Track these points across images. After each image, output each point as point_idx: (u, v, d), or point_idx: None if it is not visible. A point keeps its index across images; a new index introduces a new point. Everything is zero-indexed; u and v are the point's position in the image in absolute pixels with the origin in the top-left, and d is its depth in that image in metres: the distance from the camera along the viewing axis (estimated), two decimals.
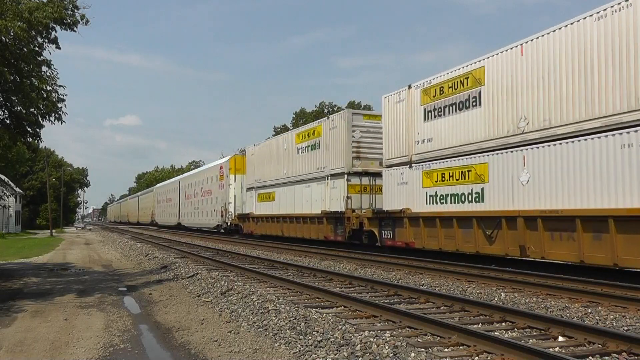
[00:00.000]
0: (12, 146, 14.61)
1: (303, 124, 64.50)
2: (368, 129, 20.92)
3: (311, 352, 5.82)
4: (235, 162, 34.20)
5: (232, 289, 10.24)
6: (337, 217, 20.79)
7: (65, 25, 11.33)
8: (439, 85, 16.06)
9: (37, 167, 75.88)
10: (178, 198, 50.76)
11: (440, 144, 15.87)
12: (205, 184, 40.64)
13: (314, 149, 23.49)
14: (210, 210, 38.43)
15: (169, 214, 55.27)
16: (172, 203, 53.72)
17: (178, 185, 51.90)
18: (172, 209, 53.57)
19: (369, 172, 20.61)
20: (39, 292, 11.33)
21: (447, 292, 9.77)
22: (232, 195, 33.70)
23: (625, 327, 6.96)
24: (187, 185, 47.49)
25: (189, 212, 46.07)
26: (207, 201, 39.45)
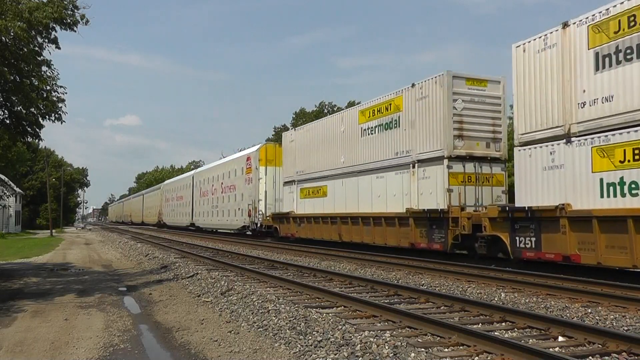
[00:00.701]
0: (12, 146, 14.66)
1: (302, 124, 64.77)
2: (472, 97, 16.27)
3: (311, 352, 5.82)
4: (267, 152, 29.51)
5: (232, 289, 10.24)
6: (432, 217, 15.91)
7: (65, 25, 11.33)
8: (628, 13, 10.98)
9: (37, 167, 75.90)
10: (191, 195, 45.32)
11: (629, 103, 10.90)
12: (227, 178, 35.51)
13: (390, 128, 18.39)
14: (233, 209, 33.64)
15: (180, 213, 49.71)
16: (184, 201, 48.14)
17: (191, 181, 46.07)
18: (184, 207, 48.23)
19: (474, 155, 16.11)
20: (39, 292, 11.33)
21: (447, 292, 9.77)
22: (263, 192, 29.08)
23: (625, 327, 6.96)
24: (203, 180, 42.12)
25: (205, 211, 40.89)
26: (230, 198, 34.41)
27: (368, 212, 19.16)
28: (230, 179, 34.98)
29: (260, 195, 29.29)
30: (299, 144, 25.44)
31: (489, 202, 15.78)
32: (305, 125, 26.31)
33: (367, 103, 20.18)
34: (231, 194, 34.39)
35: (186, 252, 19.77)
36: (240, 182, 32.60)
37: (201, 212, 42.07)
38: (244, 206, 31.27)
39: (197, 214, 43.24)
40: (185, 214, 47.54)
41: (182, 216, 48.90)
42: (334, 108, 65.86)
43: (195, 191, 44.28)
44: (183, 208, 48.70)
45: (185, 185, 48.02)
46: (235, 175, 33.79)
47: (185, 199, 47.54)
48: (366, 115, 20.00)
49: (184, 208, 48.02)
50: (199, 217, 42.74)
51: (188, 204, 46.36)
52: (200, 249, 22.47)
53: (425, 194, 16.53)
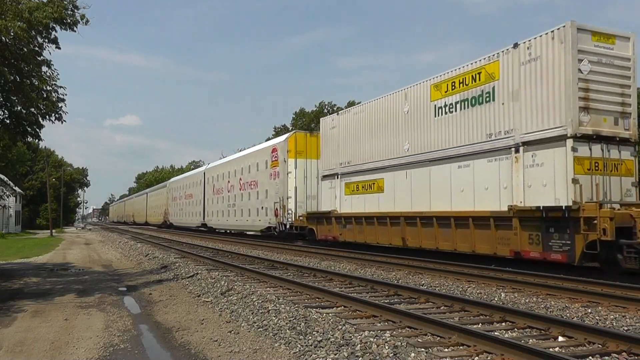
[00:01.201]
0: (12, 146, 14.66)
1: (302, 123, 64.71)
2: (599, 58, 12.45)
3: (311, 352, 5.82)
4: (297, 142, 25.52)
5: (232, 289, 10.24)
6: (550, 217, 12.12)
7: (65, 25, 11.34)
8: None
9: (37, 167, 75.91)
10: (202, 193, 41.17)
11: None
12: (247, 173, 31.59)
13: (479, 103, 14.50)
14: (255, 208, 29.90)
15: (190, 213, 45.51)
16: (194, 200, 44.02)
17: (202, 178, 41.81)
18: (194, 207, 43.91)
19: (601, 135, 12.29)
20: (39, 292, 11.33)
21: (447, 292, 9.77)
22: (292, 188, 25.35)
23: (625, 327, 6.96)
24: (217, 176, 37.94)
25: (219, 210, 36.83)
26: (250, 196, 30.63)
27: (446, 210, 15.23)
28: (250, 174, 31.02)
29: (289, 191, 25.42)
30: (344, 131, 21.23)
31: (618, 197, 12.27)
32: (351, 108, 21.88)
33: (443, 75, 15.99)
34: (252, 191, 30.50)
35: (186, 252, 19.77)
36: (263, 177, 28.79)
37: (214, 211, 37.86)
38: (269, 204, 27.36)
39: (210, 213, 39.13)
40: (195, 213, 43.36)
41: (191, 216, 44.71)
42: (334, 108, 65.84)
43: (207, 188, 40.05)
44: (193, 207, 44.35)
45: (195, 182, 43.97)
46: (258, 169, 29.87)
47: (195, 197, 43.42)
48: (442, 90, 15.84)
49: (194, 207, 43.85)
50: (211, 217, 38.72)
51: (199, 202, 42.16)
52: (200, 249, 22.47)
53: (535, 186, 12.67)
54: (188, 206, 46.24)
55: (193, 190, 44.55)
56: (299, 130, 25.86)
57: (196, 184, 43.63)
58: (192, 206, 44.87)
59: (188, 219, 46.07)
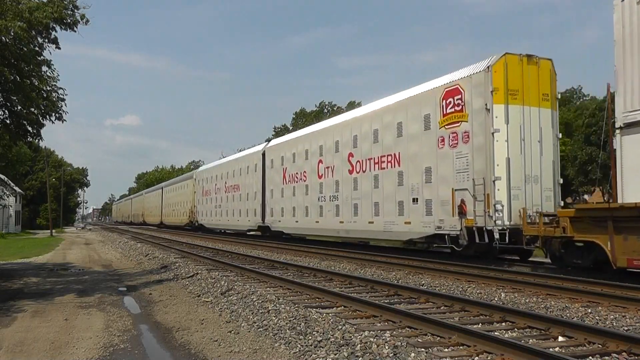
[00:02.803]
0: (13, 146, 14.65)
1: (303, 123, 64.58)
2: None
3: (311, 352, 5.82)
4: (507, 74, 14.10)
5: (232, 289, 10.24)
6: None
7: (65, 25, 11.35)
8: None
9: (37, 167, 75.93)
10: (261, 182, 29.01)
11: None
12: (371, 142, 18.88)
13: None
14: (395, 201, 17.35)
15: (235, 211, 33.14)
16: (243, 193, 31.91)
17: (260, 160, 29.46)
18: (243, 202, 31.85)
19: None
20: (39, 292, 11.34)
21: (447, 292, 9.77)
22: (503, 160, 13.84)
23: (625, 327, 6.96)
24: (291, 156, 25.37)
25: (299, 206, 24.24)
26: (381, 180, 18.14)
27: None
28: (382, 144, 18.19)
29: (496, 168, 13.79)
30: None
31: None
32: None
33: None
34: (384, 173, 17.93)
35: (186, 252, 19.77)
36: (419, 145, 16.43)
37: (288, 208, 25.44)
38: (437, 194, 15.47)
39: (277, 212, 26.89)
40: (245, 211, 31.46)
41: (238, 215, 32.59)
42: (334, 108, 65.85)
43: (270, 175, 27.96)
44: (241, 203, 32.29)
45: (246, 168, 31.94)
46: (401, 133, 17.27)
47: (246, 189, 31.53)
48: None
49: (244, 203, 31.81)
50: (280, 216, 26.47)
51: (253, 196, 30.29)
52: (200, 249, 22.47)
53: None
54: (232, 202, 34.06)
55: (242, 179, 32.39)
56: (510, 53, 14.24)
57: (248, 171, 31.65)
58: (239, 202, 32.70)
59: (232, 219, 33.94)
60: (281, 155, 26.77)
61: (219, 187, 36.94)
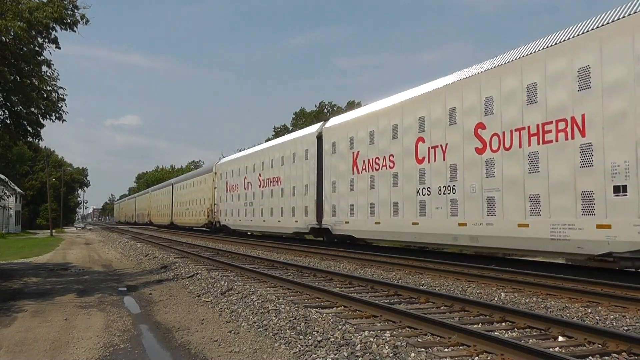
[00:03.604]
0: (13, 146, 14.68)
1: (303, 123, 64.50)
2: None
3: (311, 352, 5.82)
4: None
5: (232, 289, 10.24)
6: None
7: (65, 25, 11.37)
8: None
9: (37, 167, 75.98)
10: (314, 173, 22.82)
11: None
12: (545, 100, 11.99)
13: None
14: (589, 188, 10.95)
15: (275, 209, 26.93)
16: (287, 187, 25.53)
17: (313, 144, 23.17)
18: (287, 199, 25.53)
19: None
20: (39, 292, 11.34)
21: (447, 292, 9.76)
22: None
23: (625, 327, 6.96)
24: (375, 132, 18.63)
25: (382, 201, 18.10)
26: (555, 156, 11.73)
27: None
28: (564, 97, 11.54)
29: None
30: None
31: None
32: None
33: None
34: (567, 146, 11.51)
35: (186, 252, 19.76)
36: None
37: (366, 203, 18.93)
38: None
39: (345, 210, 20.21)
40: (290, 210, 25.08)
41: (279, 215, 26.28)
42: (334, 108, 65.88)
43: (331, 163, 21.34)
44: (282, 200, 26.05)
45: (288, 156, 25.73)
46: (597, 79, 10.84)
47: (291, 182, 25.20)
48: None
49: (287, 200, 25.54)
50: (349, 216, 19.92)
51: (301, 191, 24.02)
52: (200, 249, 22.46)
53: None
54: (269, 199, 27.68)
55: (285, 170, 25.99)
56: None
57: (293, 159, 25.10)
58: (279, 198, 26.43)
59: (270, 219, 27.52)
60: (350, 135, 20.23)
61: (251, 181, 30.69)
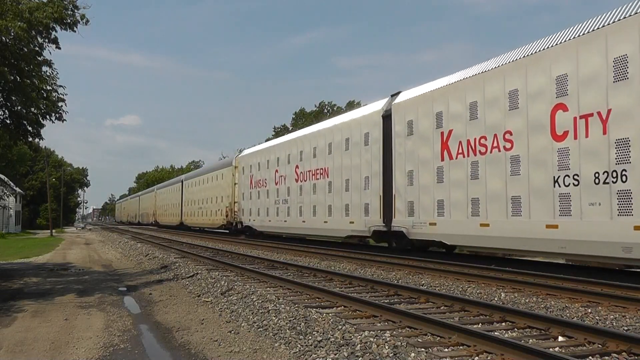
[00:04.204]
0: (13, 146, 14.69)
1: (303, 123, 64.51)
2: None
3: (311, 352, 5.81)
4: None
5: (232, 289, 10.24)
6: None
7: (65, 25, 11.37)
8: None
9: (37, 167, 75.98)
10: (379, 162, 18.13)
11: None
12: None
13: None
14: None
15: (312, 208, 22.69)
16: (333, 180, 21.12)
17: (377, 125, 18.35)
18: (335, 196, 20.89)
19: None
20: (39, 292, 11.34)
21: (447, 292, 9.76)
22: None
23: (625, 327, 6.96)
24: (478, 103, 13.84)
25: (511, 192, 12.68)
26: None
27: None
28: None
29: None
30: None
31: None
32: None
33: None
34: None
35: (186, 252, 19.76)
36: None
37: (462, 199, 14.34)
38: None
39: (429, 207, 15.56)
40: (342, 208, 20.33)
41: (325, 214, 21.46)
42: (334, 108, 65.89)
43: (406, 148, 16.72)
44: (330, 197, 21.18)
45: (340, 142, 20.70)
46: None
47: (343, 173, 20.31)
48: None
49: (337, 196, 20.66)
50: (435, 214, 15.31)
51: (359, 184, 19.19)
52: (200, 249, 22.45)
53: None
54: (310, 195, 22.85)
55: (335, 159, 21.03)
56: None
57: (347, 146, 20.13)
58: (325, 194, 21.62)
59: (312, 220, 22.51)
60: (437, 110, 15.43)
61: (284, 175, 25.69)
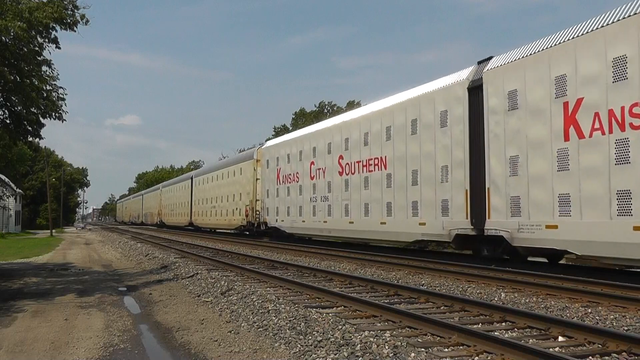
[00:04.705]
0: (13, 146, 14.69)
1: (303, 123, 64.50)
2: None
3: (311, 352, 5.81)
4: None
5: (232, 289, 10.23)
6: None
7: (65, 25, 11.37)
8: None
9: (37, 167, 75.97)
10: (463, 145, 14.28)
11: None
12: None
13: None
14: None
15: (363, 207, 19.10)
16: (391, 173, 17.45)
17: (460, 98, 14.44)
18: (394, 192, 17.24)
19: None
20: (39, 292, 11.34)
21: (447, 292, 9.76)
22: None
23: (625, 327, 6.96)
24: None
25: None
26: None
27: None
28: None
29: None
30: None
31: None
32: None
33: None
34: None
35: (186, 252, 19.76)
36: None
37: (599, 192, 10.67)
38: None
39: (543, 203, 11.86)
40: (404, 206, 16.71)
41: (382, 213, 17.93)
42: (334, 108, 65.86)
43: (501, 126, 13.00)
44: (388, 192, 17.69)
45: (397, 126, 17.33)
46: None
47: (406, 163, 16.77)
48: None
49: (399, 192, 17.09)
50: (563, 212, 11.39)
51: (430, 177, 15.56)
52: (200, 249, 22.45)
53: None
54: (360, 190, 19.26)
55: (396, 146, 17.43)
56: None
57: (413, 128, 16.59)
58: (383, 190, 17.95)
59: (362, 220, 19.16)
60: (556, 74, 11.84)
61: (323, 167, 22.29)
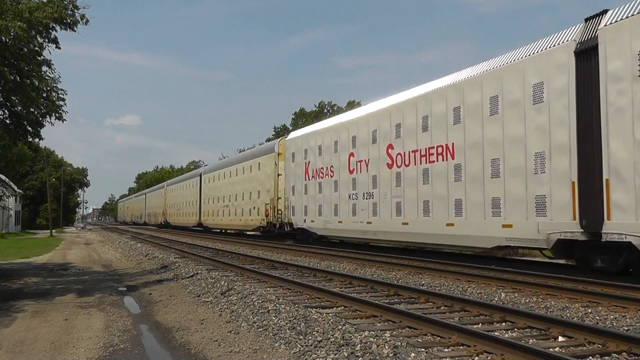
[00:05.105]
0: (13, 146, 14.71)
1: (303, 123, 64.48)
2: None
3: (311, 352, 5.81)
4: None
5: (232, 289, 10.23)
6: None
7: (65, 25, 11.37)
8: None
9: (37, 167, 75.97)
10: None
11: None
12: None
13: None
14: None
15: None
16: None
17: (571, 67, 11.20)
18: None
19: None
20: (39, 292, 11.34)
21: (447, 292, 9.76)
22: None
23: (625, 327, 6.96)
24: None
25: None
26: None
27: None
28: None
29: None
30: None
31: None
32: None
33: None
34: None
35: (186, 252, 19.76)
36: None
37: None
38: None
39: None
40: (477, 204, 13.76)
41: (448, 211, 14.76)
42: (334, 108, 65.86)
43: (625, 98, 10.24)
44: (454, 187, 14.56)
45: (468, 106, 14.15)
46: None
47: (476, 152, 13.84)
48: None
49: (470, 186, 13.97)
50: None
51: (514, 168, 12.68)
52: (200, 249, 22.45)
53: None
54: (414, 185, 16.55)
55: (467, 130, 14.31)
56: None
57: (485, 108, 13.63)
58: (446, 184, 15.06)
59: (418, 221, 16.29)
60: None
61: (365, 159, 19.32)
